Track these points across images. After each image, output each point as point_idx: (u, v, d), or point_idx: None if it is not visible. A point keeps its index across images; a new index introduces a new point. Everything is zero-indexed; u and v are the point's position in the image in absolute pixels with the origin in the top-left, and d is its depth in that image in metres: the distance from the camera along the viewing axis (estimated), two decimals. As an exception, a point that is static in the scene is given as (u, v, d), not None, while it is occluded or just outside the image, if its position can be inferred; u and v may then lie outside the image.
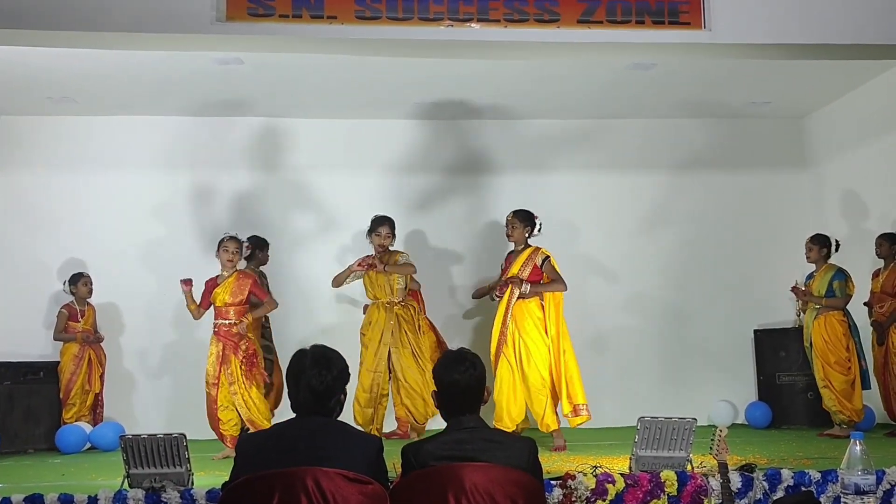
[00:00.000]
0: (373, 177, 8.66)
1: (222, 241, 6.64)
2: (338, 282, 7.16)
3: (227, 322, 6.49)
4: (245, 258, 6.99)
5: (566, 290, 6.50)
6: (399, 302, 7.03)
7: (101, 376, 7.79)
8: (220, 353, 6.43)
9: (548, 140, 8.91)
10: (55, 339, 7.74)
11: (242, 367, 6.41)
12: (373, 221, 7.07)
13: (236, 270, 6.65)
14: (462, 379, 3.12)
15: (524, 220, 6.58)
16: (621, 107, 8.62)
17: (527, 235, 6.57)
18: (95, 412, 7.73)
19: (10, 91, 7.76)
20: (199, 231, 8.35)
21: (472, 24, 5.69)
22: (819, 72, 7.70)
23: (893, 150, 7.86)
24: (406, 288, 7.12)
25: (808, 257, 7.22)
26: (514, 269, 6.53)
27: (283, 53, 6.67)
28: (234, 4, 5.52)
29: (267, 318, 7.51)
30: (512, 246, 6.73)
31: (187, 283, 6.50)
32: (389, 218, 7.11)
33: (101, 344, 7.89)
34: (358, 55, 6.60)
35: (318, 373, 2.99)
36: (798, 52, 6.28)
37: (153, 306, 8.23)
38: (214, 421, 6.47)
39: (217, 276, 6.64)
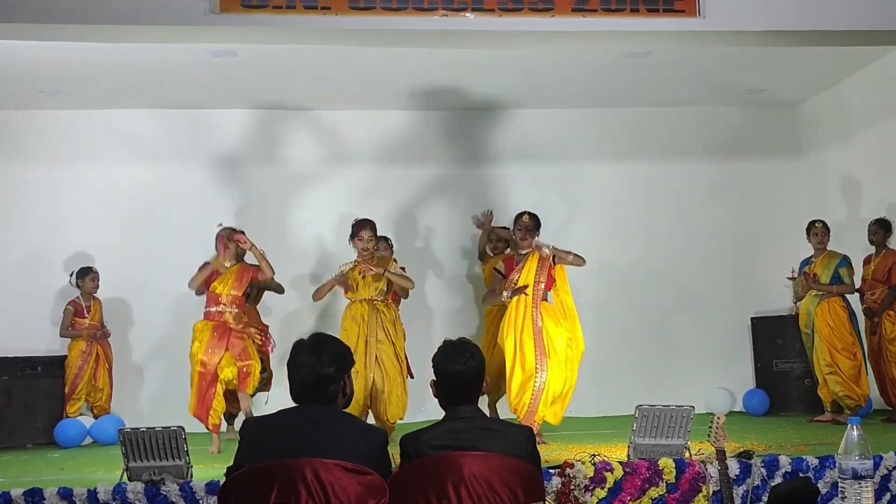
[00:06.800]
0: (367, 168, 8.66)
1: (224, 234, 6.67)
2: (319, 295, 6.95)
3: (230, 311, 6.59)
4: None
5: (584, 263, 6.42)
6: (381, 300, 6.78)
7: (109, 371, 7.80)
8: (217, 340, 6.48)
9: (542, 130, 8.89)
10: (62, 335, 7.76)
11: (255, 343, 6.68)
12: (354, 225, 6.79)
13: (239, 262, 6.76)
14: (462, 369, 3.12)
15: (538, 224, 6.51)
16: (617, 96, 8.61)
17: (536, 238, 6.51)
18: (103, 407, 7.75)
19: (3, 85, 7.71)
20: (194, 224, 8.26)
21: (467, 14, 5.67)
22: (814, 59, 7.69)
23: (889, 136, 7.87)
24: (389, 291, 6.91)
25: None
26: (532, 274, 6.34)
27: (277, 45, 6.65)
28: (227, -4, 5.50)
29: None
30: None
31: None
32: (371, 220, 6.82)
33: (110, 339, 7.90)
34: (352, 46, 6.59)
35: (314, 361, 2.97)
36: (793, 39, 6.28)
37: (156, 300, 8.22)
38: (208, 407, 6.46)
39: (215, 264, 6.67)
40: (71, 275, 7.86)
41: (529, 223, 6.45)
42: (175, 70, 7.55)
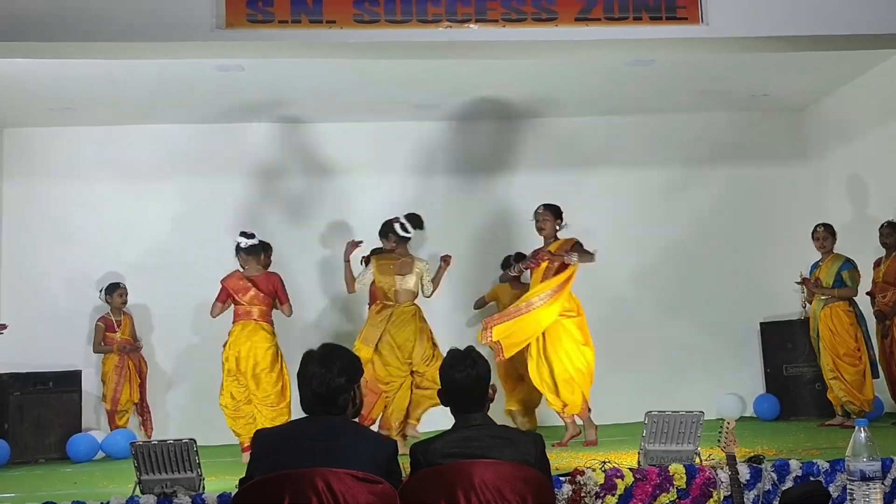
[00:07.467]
0: (376, 180, 8.68)
1: (262, 244, 6.70)
2: (353, 287, 6.91)
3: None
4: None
5: (594, 260, 6.60)
6: (412, 303, 6.79)
7: (140, 385, 7.84)
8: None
9: (547, 139, 8.93)
10: (95, 351, 7.89)
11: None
12: (417, 218, 6.88)
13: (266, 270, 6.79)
14: (461, 378, 3.14)
15: (555, 213, 6.63)
16: (621, 104, 8.63)
17: (557, 229, 6.61)
18: (143, 419, 7.82)
19: (13, 103, 7.78)
20: (204, 237, 8.30)
21: (471, 25, 5.71)
22: (817, 63, 7.70)
23: (894, 138, 7.87)
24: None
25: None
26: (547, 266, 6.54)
27: (284, 59, 6.70)
28: (233, 11, 5.55)
29: None
30: (539, 241, 6.75)
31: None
32: None
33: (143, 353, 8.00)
34: (357, 59, 6.63)
35: (323, 373, 2.99)
36: (795, 45, 6.29)
37: (172, 314, 8.27)
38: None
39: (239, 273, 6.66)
40: (100, 291, 7.98)
41: (544, 213, 6.65)
42: (182, 85, 7.59)
